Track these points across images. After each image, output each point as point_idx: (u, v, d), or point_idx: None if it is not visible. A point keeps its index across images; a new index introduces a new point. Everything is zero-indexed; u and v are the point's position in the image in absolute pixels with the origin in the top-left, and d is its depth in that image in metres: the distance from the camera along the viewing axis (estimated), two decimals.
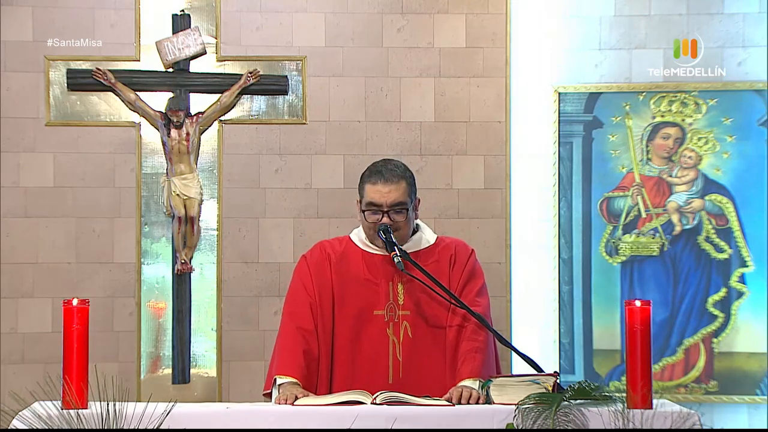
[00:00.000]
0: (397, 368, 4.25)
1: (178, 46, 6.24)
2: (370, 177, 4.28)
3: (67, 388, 3.66)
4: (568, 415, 3.69)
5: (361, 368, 4.25)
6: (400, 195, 4.26)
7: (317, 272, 4.34)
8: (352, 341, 4.27)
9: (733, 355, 6.33)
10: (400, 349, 4.27)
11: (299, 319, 4.28)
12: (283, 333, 4.29)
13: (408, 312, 4.29)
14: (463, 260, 4.38)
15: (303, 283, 4.34)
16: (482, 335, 4.28)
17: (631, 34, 6.40)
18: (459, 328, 4.28)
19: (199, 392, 6.20)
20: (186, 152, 6.18)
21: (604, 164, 6.40)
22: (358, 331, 4.28)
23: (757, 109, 6.33)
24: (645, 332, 3.75)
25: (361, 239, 4.39)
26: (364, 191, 4.28)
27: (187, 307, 6.23)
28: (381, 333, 4.27)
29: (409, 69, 6.38)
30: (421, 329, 4.28)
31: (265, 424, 3.74)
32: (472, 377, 4.17)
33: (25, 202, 6.22)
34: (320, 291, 4.31)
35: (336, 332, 4.29)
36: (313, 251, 4.42)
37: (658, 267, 6.36)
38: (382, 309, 4.29)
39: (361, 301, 4.29)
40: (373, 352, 4.25)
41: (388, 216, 4.25)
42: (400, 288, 4.31)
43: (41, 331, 6.18)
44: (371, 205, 4.25)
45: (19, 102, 6.23)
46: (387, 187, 4.25)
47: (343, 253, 4.37)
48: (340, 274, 4.33)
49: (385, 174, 4.27)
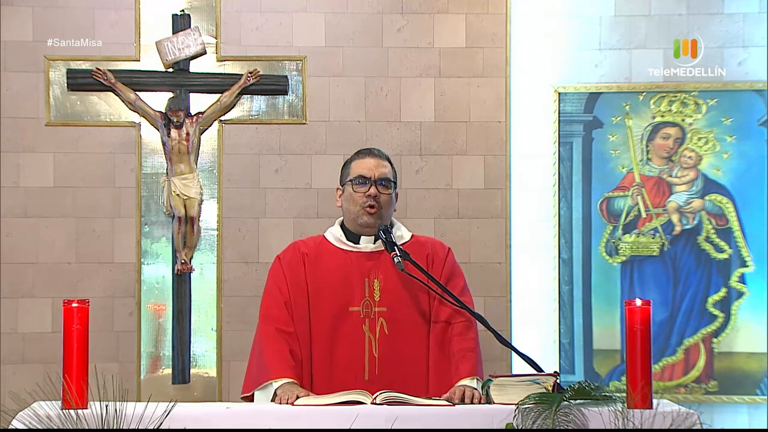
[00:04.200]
0: (373, 364, 4.25)
1: (178, 46, 6.24)
2: (358, 155, 4.41)
3: (67, 388, 3.66)
4: (568, 415, 3.69)
5: (338, 365, 4.26)
6: (387, 171, 4.36)
7: (291, 273, 4.34)
8: (328, 339, 4.27)
9: (733, 355, 6.33)
10: (376, 345, 4.27)
11: (278, 321, 4.28)
12: (265, 337, 4.28)
13: (385, 308, 4.29)
14: (441, 259, 4.39)
15: (278, 284, 4.35)
16: (473, 333, 4.30)
17: (631, 34, 6.40)
18: (446, 324, 4.29)
19: (199, 392, 6.20)
20: (186, 152, 6.18)
21: (604, 164, 6.40)
22: (335, 329, 4.27)
23: (757, 109, 6.33)
24: (645, 332, 3.76)
25: (336, 237, 4.40)
26: (351, 168, 4.38)
27: (187, 307, 6.23)
28: (357, 329, 4.27)
29: (409, 69, 6.38)
30: (398, 325, 4.29)
31: (265, 424, 3.74)
32: (470, 376, 4.17)
33: (25, 202, 6.22)
34: (295, 292, 4.32)
35: (313, 332, 4.29)
36: (286, 251, 4.43)
37: (658, 267, 6.36)
38: (358, 305, 4.29)
39: (336, 298, 4.30)
40: (349, 348, 4.26)
41: (375, 187, 4.30)
42: (376, 284, 4.31)
43: (41, 331, 6.18)
44: (360, 177, 4.33)
45: (19, 102, 6.23)
46: (375, 160, 4.38)
47: (317, 252, 4.37)
48: (314, 273, 4.33)
49: (373, 151, 4.43)
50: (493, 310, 6.21)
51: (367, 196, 4.30)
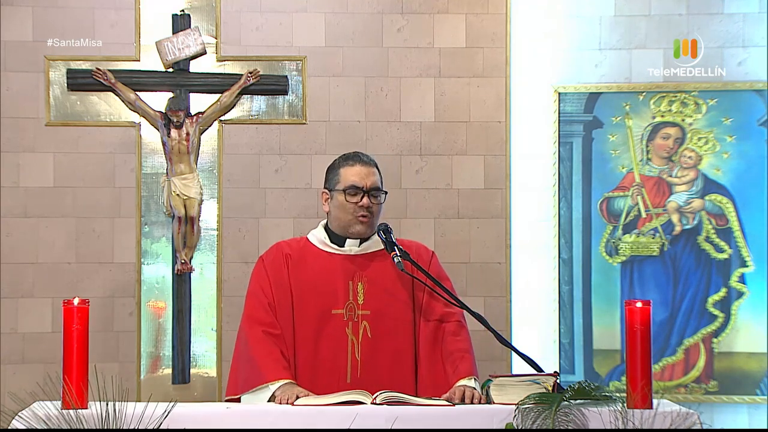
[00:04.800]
0: (355, 367, 4.24)
1: (178, 46, 6.24)
2: (346, 161, 4.34)
3: (67, 388, 3.66)
4: (568, 415, 3.69)
5: (320, 368, 4.24)
6: (377, 180, 4.32)
7: (275, 274, 4.32)
8: (312, 341, 4.25)
9: (733, 355, 6.33)
10: (359, 348, 4.25)
11: (264, 324, 4.26)
12: (252, 340, 4.24)
13: (368, 311, 4.27)
14: (425, 263, 4.36)
15: (261, 285, 4.32)
16: (465, 333, 4.30)
17: (631, 34, 6.40)
18: (438, 323, 4.28)
19: (199, 392, 6.20)
20: (186, 152, 6.18)
21: (604, 164, 6.40)
22: (318, 331, 4.25)
23: (757, 109, 6.33)
24: (645, 332, 3.76)
25: (320, 239, 4.37)
26: (340, 176, 4.31)
27: (187, 307, 6.23)
28: (340, 332, 4.25)
29: (409, 69, 6.38)
30: (382, 329, 4.27)
31: (265, 424, 3.74)
32: (469, 376, 4.17)
33: (25, 202, 6.22)
34: (279, 293, 4.29)
35: (296, 333, 4.27)
36: (269, 252, 4.40)
37: (658, 267, 6.36)
38: (341, 308, 4.27)
39: (319, 301, 4.27)
40: (331, 351, 4.24)
41: (368, 197, 4.27)
42: (360, 287, 4.29)
43: (41, 331, 6.18)
44: (353, 187, 4.28)
45: (19, 102, 6.23)
46: (366, 168, 4.31)
47: (301, 254, 4.35)
48: (298, 275, 4.31)
49: (362, 157, 4.35)
50: (493, 310, 6.21)
51: (360, 207, 4.28)
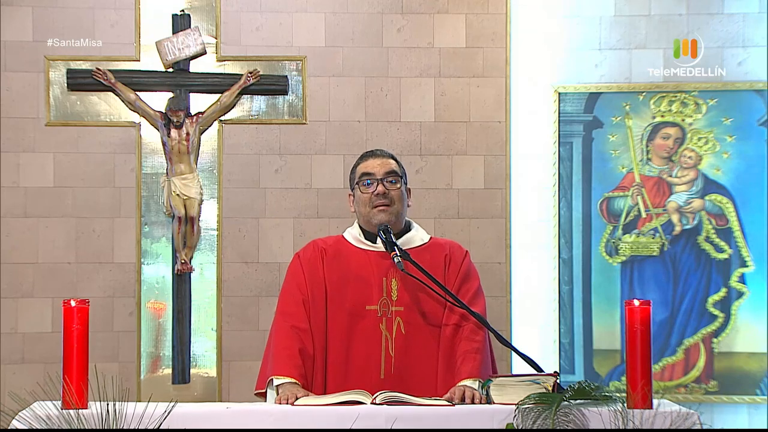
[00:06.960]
0: (389, 363, 4.25)
1: (178, 46, 6.24)
2: (362, 158, 4.44)
3: (67, 388, 3.66)
4: (568, 415, 3.69)
5: (353, 364, 4.25)
6: (392, 165, 4.38)
7: (310, 270, 4.35)
8: (345, 338, 4.27)
9: (733, 355, 6.33)
10: (392, 344, 4.27)
11: (293, 318, 4.28)
12: (277, 332, 4.29)
13: (402, 308, 4.29)
14: (458, 261, 4.39)
15: (296, 281, 4.35)
16: (480, 335, 4.29)
17: (631, 34, 6.40)
18: (456, 327, 4.29)
19: (199, 392, 6.20)
20: (186, 152, 6.18)
21: (604, 164, 6.40)
22: (351, 327, 4.28)
23: (757, 109, 6.33)
24: (645, 332, 3.75)
25: (354, 236, 4.41)
26: (356, 173, 4.40)
27: (187, 307, 6.23)
28: (374, 328, 4.27)
29: (409, 69, 6.38)
30: (415, 326, 4.29)
31: (265, 424, 3.74)
32: (471, 377, 4.17)
33: (25, 202, 6.22)
34: (313, 289, 4.32)
35: (329, 329, 4.30)
36: (306, 249, 4.44)
37: (658, 267, 6.36)
38: (375, 304, 4.29)
39: (354, 297, 4.30)
40: (365, 347, 4.26)
41: (382, 184, 4.31)
42: (394, 284, 4.31)
43: (41, 331, 6.18)
44: (365, 175, 4.34)
45: (19, 102, 6.23)
46: (379, 160, 4.39)
47: (336, 250, 4.38)
48: (333, 271, 4.34)
49: (375, 152, 4.46)
50: (493, 310, 6.19)
51: (376, 195, 4.31)
